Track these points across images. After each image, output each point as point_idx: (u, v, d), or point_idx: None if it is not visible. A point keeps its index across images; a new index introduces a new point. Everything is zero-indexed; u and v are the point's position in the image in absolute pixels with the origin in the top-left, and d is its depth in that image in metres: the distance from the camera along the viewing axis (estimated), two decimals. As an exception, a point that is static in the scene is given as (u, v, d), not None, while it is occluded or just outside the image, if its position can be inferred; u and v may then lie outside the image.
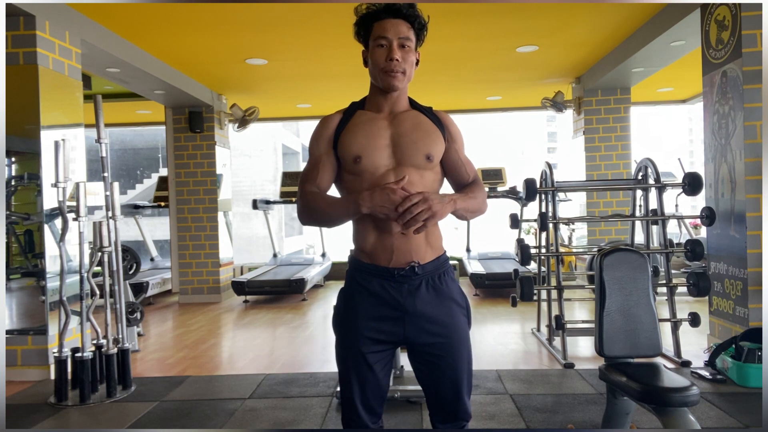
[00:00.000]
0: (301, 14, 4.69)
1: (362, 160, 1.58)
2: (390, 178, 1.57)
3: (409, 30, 1.60)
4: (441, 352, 1.62)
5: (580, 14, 4.91)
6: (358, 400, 1.63)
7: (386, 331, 1.61)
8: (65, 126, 4.20)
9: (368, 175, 1.58)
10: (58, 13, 4.17)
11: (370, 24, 1.61)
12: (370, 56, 1.62)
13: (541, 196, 4.53)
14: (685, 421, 2.06)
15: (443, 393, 1.65)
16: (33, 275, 4.10)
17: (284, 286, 7.08)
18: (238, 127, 7.72)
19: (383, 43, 1.59)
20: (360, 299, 1.62)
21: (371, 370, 1.62)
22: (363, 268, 1.63)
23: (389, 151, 1.60)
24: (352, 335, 1.62)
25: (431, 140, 1.63)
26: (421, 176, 1.60)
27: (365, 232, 1.61)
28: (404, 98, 1.68)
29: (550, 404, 3.20)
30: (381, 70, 1.59)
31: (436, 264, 1.63)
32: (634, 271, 2.44)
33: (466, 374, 1.66)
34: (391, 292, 1.59)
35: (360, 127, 1.62)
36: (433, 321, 1.61)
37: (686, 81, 7.46)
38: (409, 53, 1.61)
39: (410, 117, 1.65)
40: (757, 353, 3.39)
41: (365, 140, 1.60)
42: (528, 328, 5.20)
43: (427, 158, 1.61)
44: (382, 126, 1.62)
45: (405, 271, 1.58)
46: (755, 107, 3.72)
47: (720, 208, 4.03)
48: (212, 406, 3.33)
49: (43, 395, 3.57)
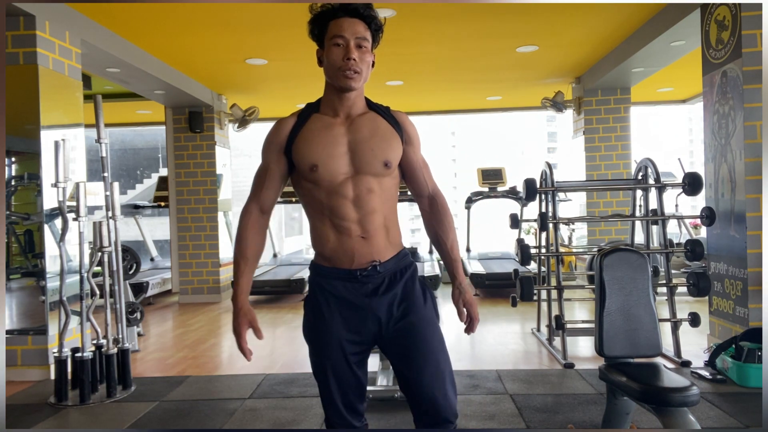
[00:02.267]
0: (301, 14, 4.66)
1: (319, 168, 1.56)
2: (348, 186, 1.57)
3: (366, 30, 1.58)
4: (409, 341, 1.61)
5: (580, 14, 4.91)
6: (339, 402, 1.62)
7: (356, 332, 1.61)
8: (65, 126, 4.20)
9: (326, 183, 1.58)
10: (58, 13, 4.17)
11: (325, 22, 1.59)
12: (326, 56, 1.59)
13: (541, 196, 4.53)
14: (685, 421, 2.06)
15: (420, 384, 1.59)
16: (33, 275, 4.10)
17: (284, 286, 7.09)
18: (238, 127, 7.71)
19: (339, 42, 1.56)
20: (326, 303, 1.62)
21: (350, 371, 1.62)
22: (325, 273, 1.63)
23: (347, 159, 1.58)
24: (325, 339, 1.62)
25: (389, 145, 1.62)
26: (379, 183, 1.60)
27: (324, 236, 1.61)
28: (361, 99, 1.65)
29: (550, 404, 3.19)
30: (337, 69, 1.56)
31: (396, 260, 1.64)
32: (634, 271, 2.44)
33: (443, 361, 1.63)
34: (355, 292, 1.60)
35: (316, 134, 1.60)
36: (399, 316, 1.62)
37: (686, 81, 7.46)
38: (365, 53, 1.58)
39: (367, 121, 1.63)
40: (757, 353, 3.39)
41: (322, 148, 1.57)
42: (528, 328, 5.20)
43: (385, 165, 1.60)
44: (339, 132, 1.60)
45: (367, 272, 1.59)
46: (755, 107, 3.72)
47: (720, 208, 4.02)
48: (212, 406, 3.33)
49: (43, 395, 3.57)
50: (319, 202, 1.60)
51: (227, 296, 7.49)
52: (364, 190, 1.58)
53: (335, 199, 1.58)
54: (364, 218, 1.58)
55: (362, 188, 1.58)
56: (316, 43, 1.66)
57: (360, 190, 1.58)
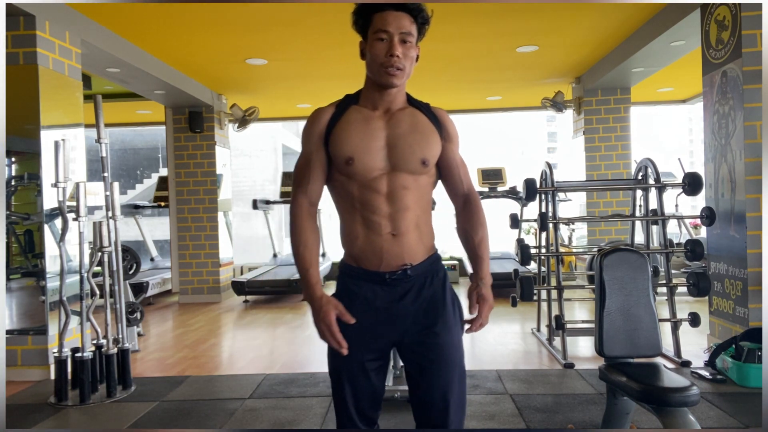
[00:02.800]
0: (301, 14, 4.69)
1: (355, 162, 1.51)
2: (382, 182, 1.52)
3: (412, 24, 1.51)
4: (432, 355, 1.55)
5: (580, 14, 4.91)
6: (351, 407, 1.57)
7: (379, 338, 1.56)
8: (65, 126, 4.20)
9: (360, 178, 1.52)
10: (58, 13, 4.17)
11: (370, 14, 1.51)
12: (369, 49, 1.53)
13: (541, 196, 4.53)
14: (685, 421, 2.06)
15: (431, 402, 1.55)
16: (33, 275, 4.10)
17: (284, 286, 7.08)
18: (238, 127, 7.71)
19: (383, 37, 1.50)
20: (351, 305, 1.54)
21: (367, 378, 1.57)
22: (353, 273, 1.57)
23: (384, 154, 1.53)
24: (346, 342, 1.53)
25: (427, 143, 1.57)
26: (415, 181, 1.55)
27: (353, 234, 1.55)
28: (402, 94, 1.60)
29: (550, 404, 3.19)
30: (380, 65, 1.50)
31: (428, 264, 1.58)
32: (634, 271, 2.44)
33: (457, 383, 1.57)
34: (383, 296, 1.54)
35: (354, 126, 1.54)
36: (424, 324, 1.55)
37: (686, 81, 7.46)
38: (410, 49, 1.52)
39: (407, 116, 1.58)
40: (757, 353, 3.39)
41: (359, 141, 1.52)
42: (528, 328, 5.20)
43: (423, 163, 1.55)
44: (378, 126, 1.55)
45: (397, 275, 1.53)
46: (755, 107, 3.72)
47: (720, 208, 4.02)
48: (212, 406, 3.33)
49: (43, 395, 3.57)
50: (351, 196, 1.54)
51: (227, 296, 7.49)
52: (398, 187, 1.52)
53: (368, 194, 1.52)
54: (396, 214, 1.52)
55: (397, 185, 1.52)
56: (359, 35, 1.57)
57: (394, 187, 1.52)
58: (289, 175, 8.93)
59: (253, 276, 7.54)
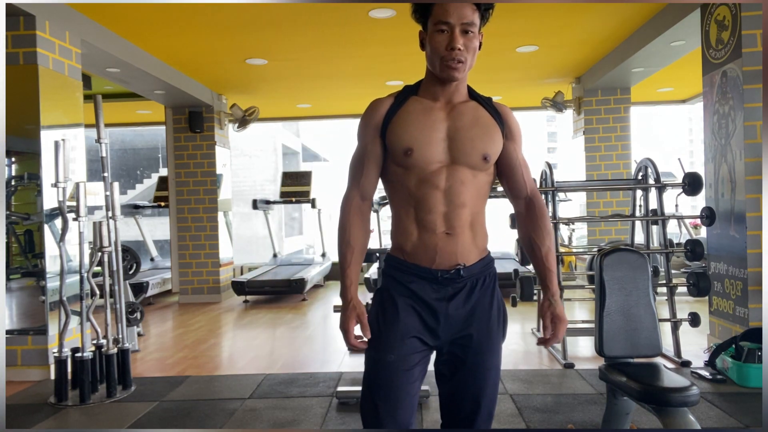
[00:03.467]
0: (301, 14, 4.69)
1: (414, 153, 1.45)
2: (441, 176, 1.46)
3: (474, 13, 1.44)
4: (465, 356, 1.51)
5: (580, 14, 4.91)
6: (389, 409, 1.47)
7: (425, 332, 1.50)
8: (65, 126, 4.20)
9: (418, 170, 1.46)
10: (58, 13, 4.17)
11: (430, 4, 1.44)
12: (429, 41, 1.46)
13: (541, 196, 4.52)
14: (685, 421, 2.06)
15: (460, 405, 1.52)
16: (33, 275, 4.10)
17: (284, 286, 7.08)
18: (238, 127, 7.71)
19: (444, 29, 1.43)
20: (400, 297, 1.50)
21: (409, 374, 1.48)
22: (403, 268, 1.51)
23: (444, 146, 1.47)
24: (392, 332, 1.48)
25: (490, 138, 1.50)
26: (473, 177, 1.49)
27: (406, 229, 1.49)
28: (463, 86, 1.53)
29: (550, 404, 3.19)
30: (440, 59, 1.44)
31: (481, 266, 1.52)
32: (634, 271, 2.44)
33: (491, 387, 1.53)
34: (432, 294, 1.48)
35: (414, 117, 1.48)
36: (468, 325, 1.50)
37: (686, 81, 7.46)
38: (472, 39, 1.45)
39: (469, 110, 1.51)
40: (757, 353, 3.39)
41: (419, 132, 1.46)
42: (528, 328, 5.20)
43: (484, 159, 1.49)
44: (439, 118, 1.49)
45: (449, 274, 1.47)
46: (755, 107, 3.72)
47: (720, 208, 4.02)
48: (212, 406, 3.33)
49: (43, 395, 3.57)
50: (407, 192, 1.48)
51: (227, 296, 7.49)
52: (457, 182, 1.46)
53: (425, 188, 1.46)
54: (452, 212, 1.46)
55: (455, 179, 1.46)
56: (419, 24, 1.51)
57: (453, 181, 1.46)
58: (288, 175, 8.95)
59: (253, 276, 7.54)
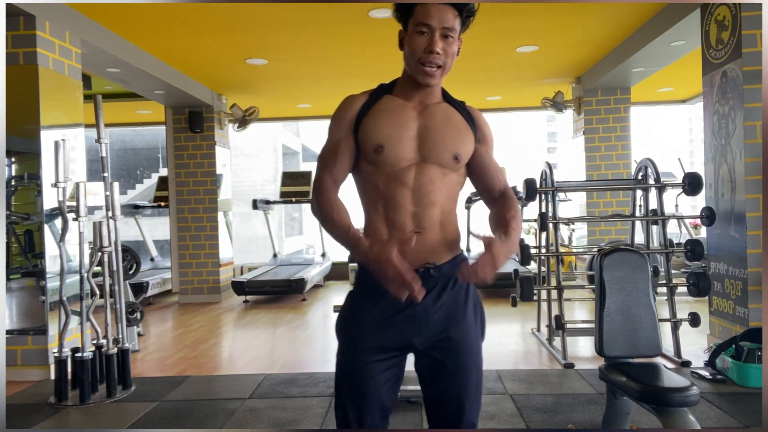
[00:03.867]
0: (301, 14, 4.69)
1: (384, 150, 1.45)
2: (410, 174, 1.46)
3: (456, 18, 1.43)
4: (446, 359, 1.49)
5: (580, 14, 4.91)
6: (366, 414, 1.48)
7: (392, 337, 1.48)
8: (65, 126, 4.20)
9: (389, 168, 1.46)
10: (58, 13, 4.17)
11: (412, 4, 1.44)
12: (407, 42, 1.45)
13: (541, 196, 4.53)
14: (685, 421, 2.06)
15: (445, 407, 1.51)
16: (33, 275, 4.10)
17: (284, 286, 7.08)
18: (238, 127, 7.72)
19: (424, 31, 1.42)
20: (370, 304, 1.50)
21: (374, 381, 1.48)
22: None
23: (414, 144, 1.47)
24: (356, 342, 1.50)
25: (461, 139, 1.51)
26: (444, 176, 1.49)
27: (377, 229, 1.49)
28: (438, 89, 1.55)
29: (550, 404, 3.19)
30: (417, 60, 1.43)
31: (452, 265, 1.49)
32: (634, 271, 2.44)
33: (473, 390, 1.51)
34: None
35: (386, 114, 1.49)
36: (443, 325, 1.49)
37: (686, 81, 7.46)
38: (451, 44, 1.44)
39: (441, 110, 1.53)
40: (757, 353, 3.39)
41: (390, 129, 1.46)
42: (528, 328, 5.20)
43: (455, 158, 1.49)
44: (410, 116, 1.49)
45: (419, 273, 1.42)
46: (755, 107, 3.72)
47: (720, 208, 4.02)
48: (212, 406, 3.33)
49: (43, 395, 3.57)
50: (376, 190, 1.48)
51: (227, 296, 7.49)
52: (426, 181, 1.46)
53: (394, 186, 1.46)
54: (421, 212, 1.46)
55: (425, 178, 1.46)
56: (399, 24, 1.50)
57: (422, 180, 1.46)
58: (289, 175, 8.94)
59: (253, 276, 7.54)
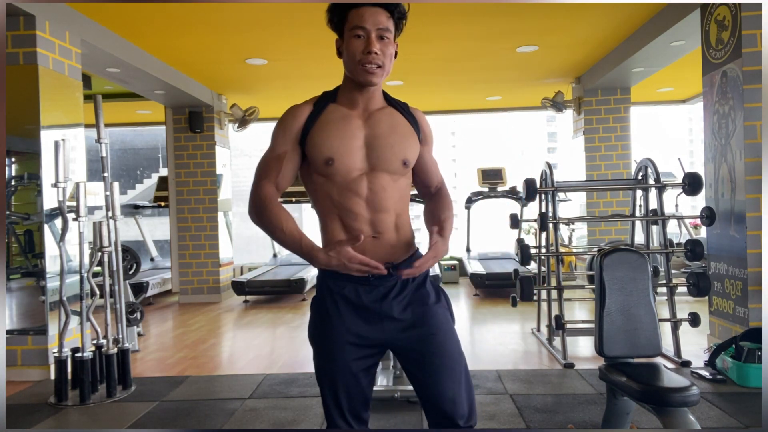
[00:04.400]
0: (301, 14, 4.69)
1: (335, 163, 1.49)
2: (362, 183, 1.50)
3: (389, 20, 1.48)
4: (425, 348, 1.53)
5: (580, 14, 4.91)
6: (346, 410, 1.55)
7: (364, 337, 1.54)
8: (65, 126, 4.20)
9: (340, 179, 1.50)
10: (58, 13, 4.17)
11: (345, 11, 1.48)
12: (345, 47, 1.50)
13: (541, 196, 4.53)
14: (685, 421, 2.06)
15: (440, 394, 1.54)
16: (33, 275, 4.10)
17: (284, 286, 7.08)
18: (238, 127, 7.72)
19: (360, 34, 1.47)
20: (335, 307, 1.54)
21: (354, 378, 1.54)
22: (335, 275, 1.53)
23: (363, 154, 1.51)
24: (331, 344, 1.54)
25: (408, 144, 1.56)
26: (394, 182, 1.54)
27: (335, 236, 1.53)
28: (379, 93, 1.58)
29: (550, 404, 3.20)
30: (357, 63, 1.47)
31: (409, 263, 1.55)
32: (634, 271, 2.44)
33: (462, 370, 1.56)
34: (367, 296, 1.53)
35: (333, 125, 1.52)
36: (413, 321, 1.54)
37: (686, 81, 7.46)
38: (388, 45, 1.49)
39: (386, 116, 1.56)
40: (757, 353, 3.39)
41: (338, 141, 1.50)
42: (528, 328, 5.20)
43: (404, 164, 1.54)
44: (356, 126, 1.53)
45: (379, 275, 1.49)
46: (755, 107, 3.72)
47: (720, 208, 4.02)
48: (212, 406, 3.33)
49: (43, 395, 3.57)
50: (330, 199, 1.52)
51: (227, 296, 7.49)
52: (378, 188, 1.51)
53: (347, 196, 1.50)
54: (376, 218, 1.51)
55: (377, 186, 1.51)
56: (335, 33, 1.55)
57: (374, 188, 1.51)
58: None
59: (253, 276, 7.54)
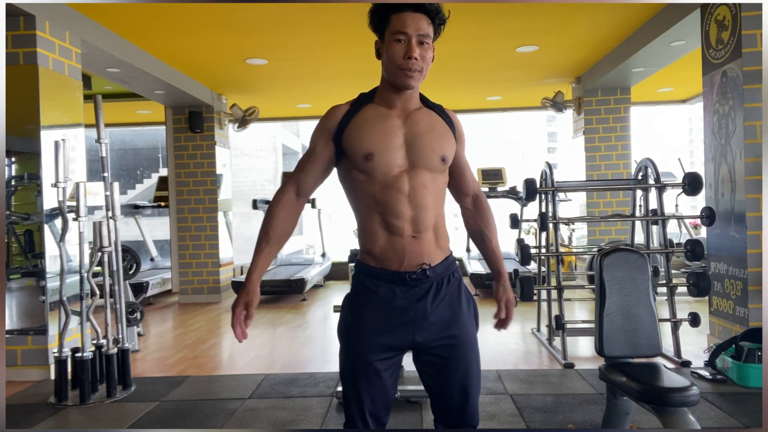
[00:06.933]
0: (301, 14, 4.68)
1: (374, 158, 1.51)
2: (404, 180, 1.52)
3: (429, 26, 1.51)
4: (449, 354, 1.57)
5: (580, 14, 4.91)
6: (367, 410, 1.56)
7: (396, 337, 1.55)
8: (65, 126, 4.20)
9: (380, 176, 1.52)
10: (58, 13, 4.17)
11: (387, 15, 1.52)
12: (386, 50, 1.53)
13: (541, 196, 4.53)
14: (685, 421, 2.06)
15: (451, 397, 1.59)
16: (33, 275, 4.10)
17: (284, 286, 7.08)
18: (238, 127, 7.71)
19: (401, 38, 1.50)
20: (369, 305, 1.56)
21: (380, 379, 1.56)
22: (372, 273, 1.57)
23: (403, 152, 1.54)
24: (360, 343, 1.56)
25: (445, 142, 1.59)
26: (433, 180, 1.56)
27: (374, 234, 1.55)
28: (416, 95, 1.62)
29: (550, 404, 3.19)
30: (397, 67, 1.51)
31: (445, 265, 1.59)
32: (634, 271, 2.44)
33: (475, 377, 1.61)
34: (402, 296, 1.54)
35: (372, 123, 1.55)
36: (443, 324, 1.57)
37: (686, 81, 7.46)
38: (427, 50, 1.52)
39: (424, 116, 1.60)
40: (757, 353, 3.39)
41: (378, 137, 1.52)
42: (528, 328, 5.20)
43: (443, 160, 1.57)
44: (396, 124, 1.56)
45: (417, 275, 1.53)
46: (755, 107, 3.72)
47: (720, 208, 4.02)
48: (212, 406, 3.33)
49: (43, 395, 3.57)
50: (372, 197, 1.54)
51: (227, 296, 7.49)
52: (419, 185, 1.53)
53: (390, 193, 1.52)
54: (418, 216, 1.53)
55: (417, 183, 1.53)
56: (375, 34, 1.58)
57: (415, 185, 1.53)
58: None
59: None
